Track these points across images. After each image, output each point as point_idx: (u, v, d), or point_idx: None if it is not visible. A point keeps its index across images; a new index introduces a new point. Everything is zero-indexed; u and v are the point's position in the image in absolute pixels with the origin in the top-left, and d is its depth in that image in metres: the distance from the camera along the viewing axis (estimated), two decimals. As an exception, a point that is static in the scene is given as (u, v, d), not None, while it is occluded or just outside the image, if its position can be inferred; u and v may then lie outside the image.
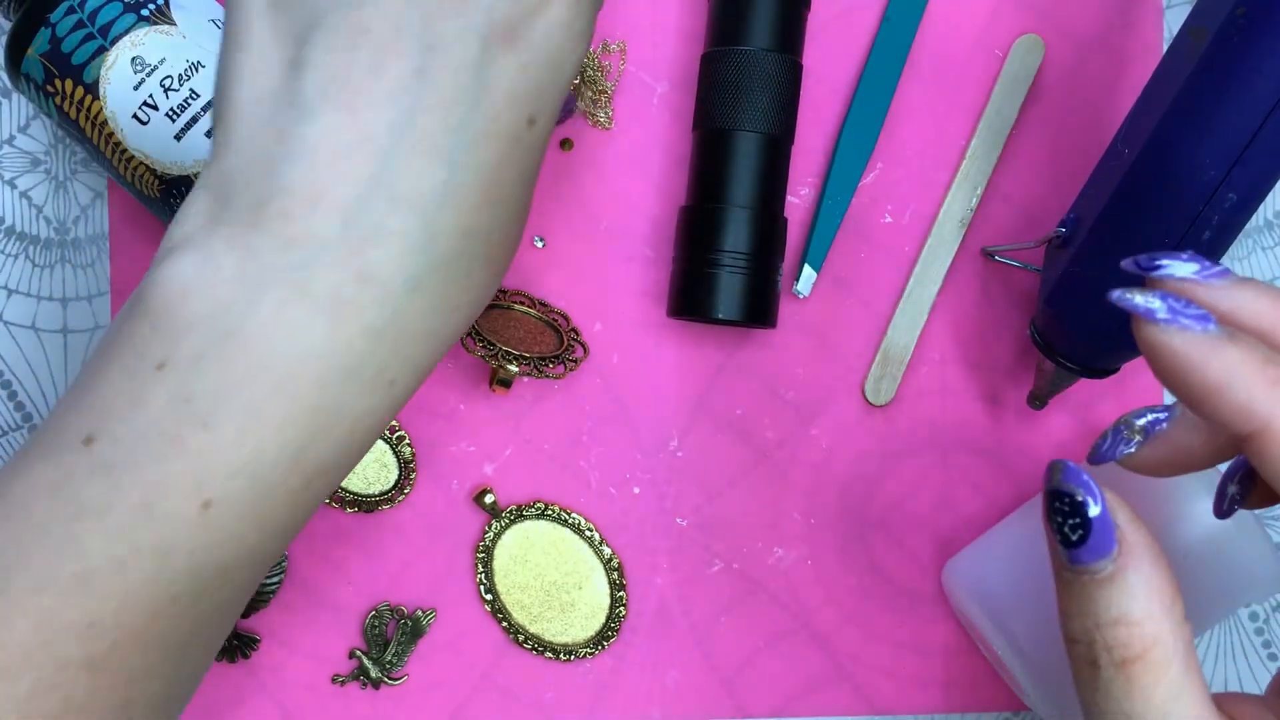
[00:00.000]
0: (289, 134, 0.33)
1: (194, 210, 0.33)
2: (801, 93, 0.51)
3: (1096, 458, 0.33)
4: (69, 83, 0.44)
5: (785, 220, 0.50)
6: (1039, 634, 0.46)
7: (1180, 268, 0.29)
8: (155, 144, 0.44)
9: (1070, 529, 0.29)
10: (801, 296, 0.52)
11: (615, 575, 0.51)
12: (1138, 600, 0.28)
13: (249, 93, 0.34)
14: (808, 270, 0.51)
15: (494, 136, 0.34)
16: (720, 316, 0.48)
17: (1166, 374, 0.28)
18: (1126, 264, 0.30)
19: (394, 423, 0.51)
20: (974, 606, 0.48)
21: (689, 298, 0.48)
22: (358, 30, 0.33)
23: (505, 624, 0.51)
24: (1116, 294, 0.28)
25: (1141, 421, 0.32)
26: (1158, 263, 0.29)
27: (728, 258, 0.48)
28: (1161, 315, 0.28)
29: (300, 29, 0.34)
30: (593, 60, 0.48)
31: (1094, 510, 0.29)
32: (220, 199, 0.33)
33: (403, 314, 0.33)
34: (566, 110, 0.45)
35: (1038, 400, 0.50)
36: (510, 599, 0.51)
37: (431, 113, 0.33)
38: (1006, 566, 0.48)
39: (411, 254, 0.33)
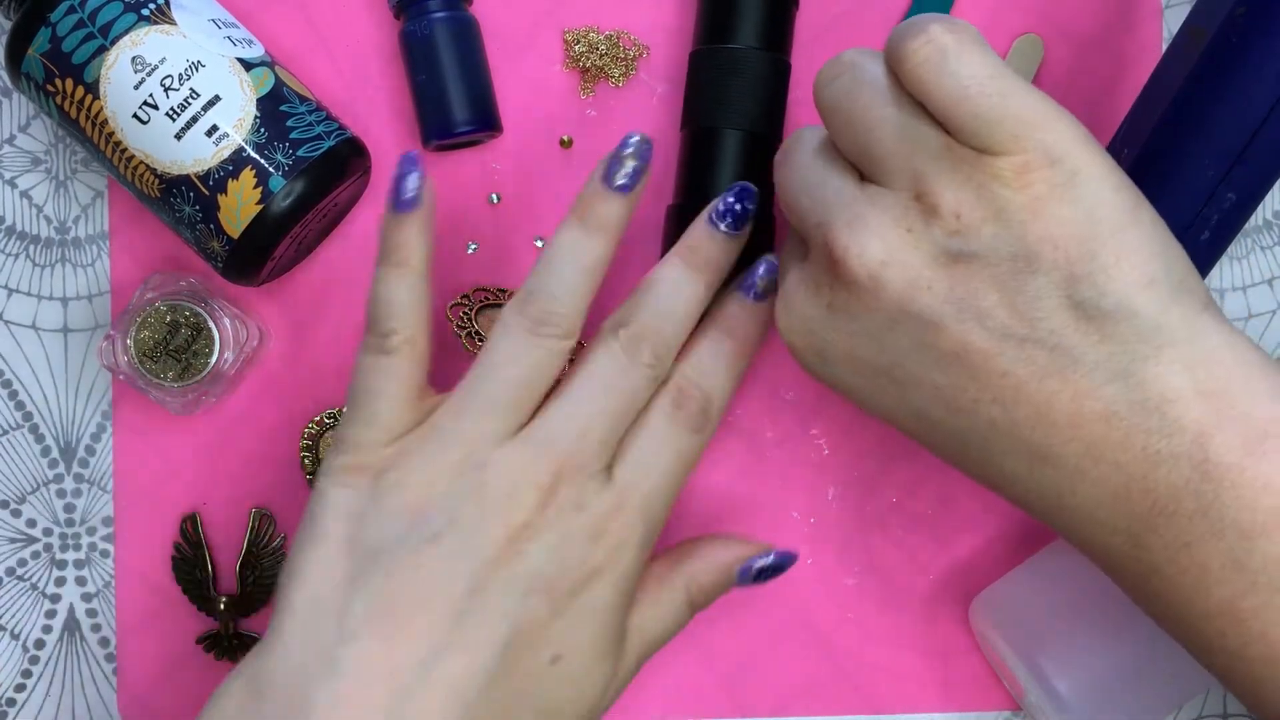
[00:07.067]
0: (329, 652, 0.36)
1: (226, 698, 0.36)
2: (802, 97, 0.51)
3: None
4: (69, 82, 0.44)
5: (774, 219, 0.49)
6: (1081, 684, 0.45)
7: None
8: (155, 143, 0.44)
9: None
10: (801, 296, 0.52)
11: (615, 575, 0.51)
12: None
13: (308, 593, 0.37)
14: (807, 270, 0.51)
15: (515, 676, 0.36)
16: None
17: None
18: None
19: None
20: (1010, 652, 0.47)
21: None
22: (416, 566, 0.36)
23: (505, 624, 0.51)
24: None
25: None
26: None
27: None
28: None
29: (370, 547, 0.37)
30: (612, 40, 0.49)
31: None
32: (255, 695, 0.36)
33: None
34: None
35: (1037, 400, 0.49)
36: (510, 599, 0.51)
37: (459, 655, 0.35)
38: (1046, 608, 0.47)
39: None
